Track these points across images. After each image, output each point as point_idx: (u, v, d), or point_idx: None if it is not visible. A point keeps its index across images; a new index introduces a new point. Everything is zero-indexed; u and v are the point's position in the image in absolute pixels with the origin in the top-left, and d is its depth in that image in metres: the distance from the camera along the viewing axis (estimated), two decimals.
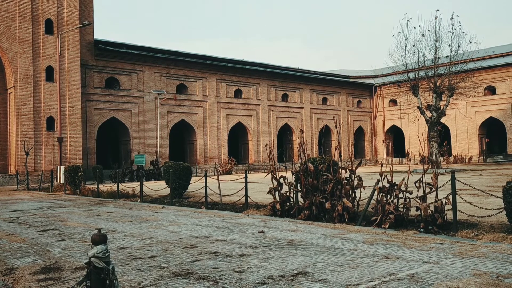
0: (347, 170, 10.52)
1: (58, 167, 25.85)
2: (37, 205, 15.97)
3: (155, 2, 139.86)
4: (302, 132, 11.38)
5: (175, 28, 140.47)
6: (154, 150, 36.98)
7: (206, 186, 13.78)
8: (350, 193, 10.40)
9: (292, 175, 11.28)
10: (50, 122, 31.09)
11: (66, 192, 21.63)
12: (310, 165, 10.64)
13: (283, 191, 11.52)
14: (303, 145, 10.91)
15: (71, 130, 31.78)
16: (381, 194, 9.51)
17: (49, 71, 31.09)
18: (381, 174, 9.81)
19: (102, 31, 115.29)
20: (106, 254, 2.73)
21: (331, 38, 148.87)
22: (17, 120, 29.89)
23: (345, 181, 10.45)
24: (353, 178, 10.43)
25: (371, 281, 5.36)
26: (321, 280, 5.45)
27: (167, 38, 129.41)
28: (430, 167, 11.58)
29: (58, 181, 24.76)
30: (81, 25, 30.47)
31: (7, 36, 29.57)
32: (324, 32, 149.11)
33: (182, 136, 42.56)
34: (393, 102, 54.38)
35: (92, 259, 2.68)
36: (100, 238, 2.71)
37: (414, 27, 31.47)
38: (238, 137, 46.20)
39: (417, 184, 9.30)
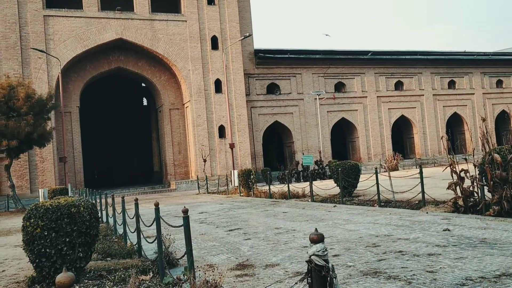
0: None
1: (232, 171, 27.92)
2: (219, 207, 17.43)
3: (302, 5, 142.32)
4: (483, 120, 10.39)
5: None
6: (317, 150, 37.51)
7: (377, 183, 13.47)
8: None
9: (474, 167, 10.36)
10: (221, 130, 33.83)
11: (241, 194, 23.19)
12: (496, 155, 9.64)
13: (465, 185, 10.65)
14: (486, 134, 9.94)
15: (240, 136, 34.07)
16: None
17: (217, 84, 33.86)
18: None
19: (260, 40, 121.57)
20: (325, 253, 2.84)
21: (493, 15, 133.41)
22: (194, 130, 33.15)
23: None
24: None
25: None
26: None
27: (316, 38, 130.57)
28: None
29: (233, 184, 26.70)
30: (242, 37, 32.50)
31: (181, 56, 33.04)
32: (484, 11, 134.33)
33: (342, 134, 42.38)
34: None
35: (312, 257, 2.82)
36: (318, 238, 2.84)
37: None
38: (401, 131, 44.25)
39: None
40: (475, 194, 10.49)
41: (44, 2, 30.05)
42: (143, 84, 40.86)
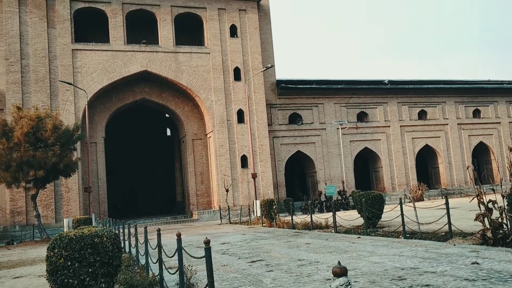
0: None
1: (254, 201, 27.81)
2: (241, 238, 17.29)
3: (321, 37, 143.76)
4: (510, 149, 10.17)
5: (343, 56, 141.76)
6: (340, 180, 37.14)
7: (402, 214, 13.20)
8: None
9: (503, 198, 10.10)
10: (243, 160, 33.91)
11: (263, 224, 23.00)
12: None
13: (493, 217, 10.36)
14: None
15: (262, 166, 34.07)
16: None
17: (240, 114, 34.18)
18: None
19: (282, 71, 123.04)
20: (348, 287, 2.79)
21: None
22: (217, 160, 33.31)
23: None
24: None
25: None
26: None
27: (337, 67, 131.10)
28: None
29: (255, 215, 26.55)
30: (264, 68, 32.89)
31: (204, 88, 33.58)
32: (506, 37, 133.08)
33: (366, 164, 41.96)
34: None
35: None
36: (341, 271, 2.80)
37: None
38: (426, 160, 43.57)
39: None
40: (504, 226, 10.19)
41: (73, 37, 31.14)
42: (167, 115, 41.53)
